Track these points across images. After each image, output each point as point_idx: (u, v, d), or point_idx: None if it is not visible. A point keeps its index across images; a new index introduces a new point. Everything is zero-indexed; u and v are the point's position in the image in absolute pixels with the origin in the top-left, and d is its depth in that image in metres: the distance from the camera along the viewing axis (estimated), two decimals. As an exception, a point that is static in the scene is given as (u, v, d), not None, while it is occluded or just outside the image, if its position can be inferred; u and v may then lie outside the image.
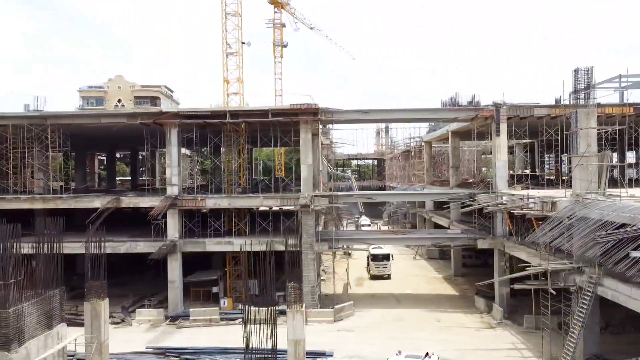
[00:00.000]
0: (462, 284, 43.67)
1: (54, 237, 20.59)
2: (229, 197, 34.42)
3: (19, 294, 17.79)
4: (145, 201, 34.67)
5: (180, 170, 35.00)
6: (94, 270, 23.33)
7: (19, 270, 18.18)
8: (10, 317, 16.98)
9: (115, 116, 34.86)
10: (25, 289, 18.44)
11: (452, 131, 46.11)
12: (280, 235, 34.91)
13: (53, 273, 20.18)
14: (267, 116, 33.59)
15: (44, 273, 19.62)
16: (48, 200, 34.54)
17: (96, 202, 34.74)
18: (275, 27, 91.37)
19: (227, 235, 35.05)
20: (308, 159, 34.25)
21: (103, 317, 23.20)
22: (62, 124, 34.96)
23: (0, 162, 35.40)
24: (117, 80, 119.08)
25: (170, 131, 34.40)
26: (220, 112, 34.08)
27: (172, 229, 34.26)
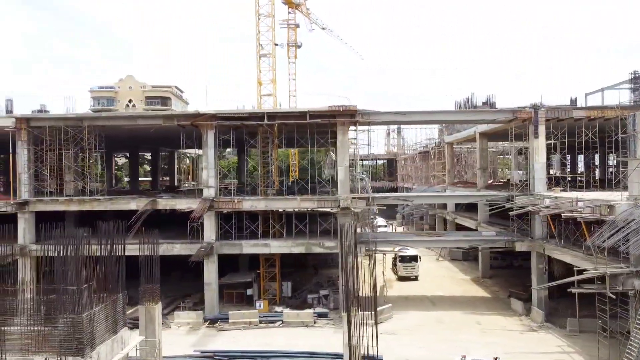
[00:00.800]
0: (491, 285, 43.55)
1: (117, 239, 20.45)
2: (266, 199, 34.31)
3: (90, 298, 17.70)
4: (181, 203, 34.55)
5: (217, 172, 34.86)
6: (148, 273, 23.26)
7: (90, 275, 18.09)
8: (84, 322, 16.87)
9: (151, 118, 34.74)
10: (95, 293, 18.34)
11: (480, 132, 46.03)
12: (316, 237, 34.89)
13: (117, 276, 20.08)
14: (305, 118, 33.49)
15: (110, 277, 19.51)
16: (84, 202, 34.44)
17: (132, 204, 34.62)
18: (290, 27, 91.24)
19: (263, 237, 34.94)
20: (345, 161, 34.15)
21: (157, 321, 23.13)
22: (98, 126, 34.89)
23: (36, 163, 35.21)
24: (127, 81, 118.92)
25: (207, 133, 34.28)
26: (258, 113, 33.98)
27: (208, 231, 34.14)
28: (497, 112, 35.02)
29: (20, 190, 34.60)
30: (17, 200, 33.96)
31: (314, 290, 37.72)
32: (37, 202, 34.43)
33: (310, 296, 36.92)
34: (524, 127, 35.12)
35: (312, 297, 36.81)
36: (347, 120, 33.78)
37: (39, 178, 35.19)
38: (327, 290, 37.66)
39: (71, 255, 18.44)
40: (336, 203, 33.58)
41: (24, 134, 34.54)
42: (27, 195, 34.60)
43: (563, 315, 32.10)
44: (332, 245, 34.15)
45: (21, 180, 34.57)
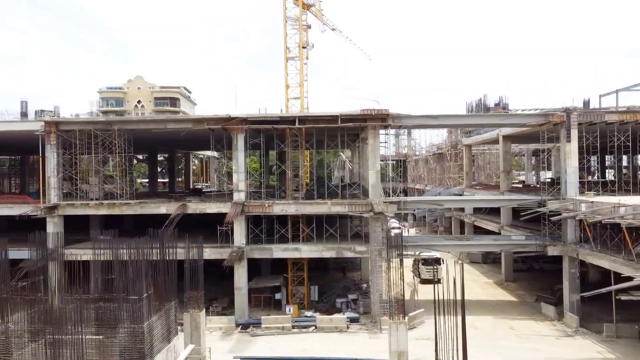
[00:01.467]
0: (516, 289, 43.37)
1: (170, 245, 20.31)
2: (297, 203, 34.11)
3: (149, 307, 17.55)
4: (211, 207, 34.39)
5: (247, 176, 34.70)
6: (193, 279, 23.12)
7: (149, 283, 17.95)
8: (144, 332, 16.73)
9: (181, 122, 34.59)
10: (153, 301, 18.20)
11: (504, 135, 45.86)
12: (347, 242, 34.72)
13: (169, 284, 19.93)
14: (337, 122, 33.35)
15: (164, 284, 19.37)
16: (114, 206, 34.27)
17: (162, 208, 34.47)
18: (301, 28, 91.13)
19: (293, 241, 34.79)
20: (376, 165, 33.97)
21: (202, 328, 23.00)
22: (127, 130, 34.73)
23: (65, 167, 35.07)
24: (136, 81, 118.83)
25: (237, 136, 34.13)
26: (289, 117, 33.85)
27: (238, 235, 33.98)
28: (529, 116, 34.82)
29: (49, 194, 34.42)
30: (47, 204, 33.77)
31: (342, 294, 37.54)
32: (66, 206, 34.26)
33: (339, 300, 36.76)
34: (553, 130, 34.94)
35: (340, 301, 36.65)
36: (378, 124, 33.62)
37: (67, 181, 35.05)
38: (355, 294, 37.49)
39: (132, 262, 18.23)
40: (367, 207, 33.38)
41: (53, 137, 34.38)
42: (56, 199, 34.43)
43: (596, 320, 31.99)
44: (364, 250, 34.00)
45: (50, 184, 34.38)
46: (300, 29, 41.92)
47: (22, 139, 44.37)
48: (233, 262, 32.30)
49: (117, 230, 41.77)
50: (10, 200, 35.87)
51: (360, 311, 35.33)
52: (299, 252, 34.21)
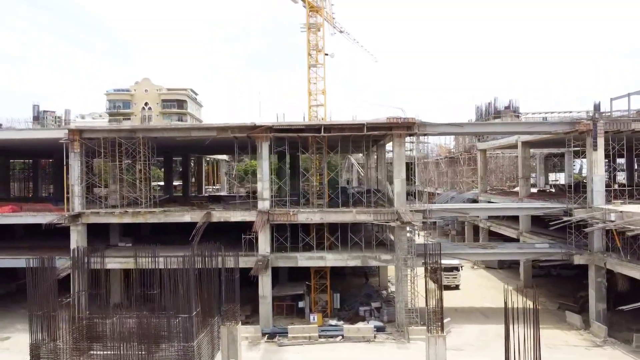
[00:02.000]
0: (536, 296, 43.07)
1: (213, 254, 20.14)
2: (322, 211, 33.99)
3: (198, 324, 17.42)
4: (236, 215, 34.26)
5: (272, 184, 34.57)
6: (229, 291, 22.99)
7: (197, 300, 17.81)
8: (194, 350, 16.60)
9: (206, 129, 34.41)
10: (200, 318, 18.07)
11: (523, 141, 45.72)
12: (371, 250, 34.58)
13: (213, 297, 19.79)
14: (362, 130, 33.26)
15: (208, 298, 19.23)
16: (139, 214, 34.13)
17: (186, 217, 34.35)
18: (311, 31, 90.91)
19: (317, 250, 34.66)
20: (402, 173, 33.81)
21: (239, 342, 22.86)
22: (151, 137, 34.61)
23: (89, 175, 34.94)
24: (143, 84, 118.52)
25: (262, 144, 34.00)
26: (315, 125, 33.71)
27: (263, 244, 33.84)
28: (556, 124, 34.67)
29: (73, 202, 34.28)
30: (72, 213, 33.62)
31: (365, 302, 37.36)
32: (91, 214, 34.12)
33: (362, 308, 36.56)
34: (578, 137, 34.80)
35: (364, 310, 36.46)
36: (403, 132, 33.51)
37: (90, 189, 34.92)
38: (378, 302, 37.34)
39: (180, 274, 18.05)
40: (393, 216, 33.25)
41: (76, 145, 34.25)
42: (79, 207, 34.29)
43: (624, 330, 31.88)
44: (389, 259, 33.87)
45: (74, 192, 34.25)
46: (322, 36, 41.61)
47: (39, 144, 44.32)
48: (259, 271, 32.15)
49: (135, 237, 42.21)
50: (33, 208, 35.67)
51: (385, 320, 35.16)
52: (324, 260, 34.07)
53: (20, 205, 36.45)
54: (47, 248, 38.35)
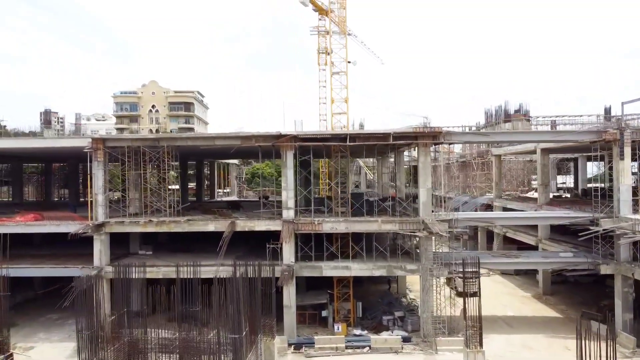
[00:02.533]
0: (556, 303, 43.02)
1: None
2: (347, 220, 33.84)
3: (247, 343, 17.27)
4: (260, 225, 34.10)
5: (296, 193, 34.42)
6: (265, 304, 22.82)
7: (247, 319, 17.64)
8: (244, 370, 16.46)
9: (230, 138, 34.22)
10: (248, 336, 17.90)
11: (542, 148, 45.54)
12: (397, 260, 34.45)
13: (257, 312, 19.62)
14: (387, 139, 33.11)
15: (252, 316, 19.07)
16: (163, 223, 33.96)
17: (210, 226, 34.18)
18: (320, 34, 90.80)
19: (342, 259, 34.52)
20: (427, 183, 33.64)
21: (275, 356, 22.70)
22: (175, 146, 34.47)
23: (111, 184, 34.75)
24: (150, 86, 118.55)
25: (286, 153, 33.85)
26: (341, 134, 33.56)
27: (287, 253, 33.69)
28: (583, 133, 34.46)
29: (96, 211, 34.11)
30: (96, 222, 33.47)
31: (388, 311, 37.21)
32: (115, 223, 33.97)
33: (385, 317, 36.41)
34: (604, 146, 34.62)
35: (387, 319, 36.31)
36: (429, 141, 33.36)
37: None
38: (401, 311, 37.17)
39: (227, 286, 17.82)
40: (419, 225, 33.10)
41: (100, 154, 34.08)
42: (103, 217, 34.13)
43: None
44: (414, 268, 33.70)
45: (97, 201, 34.07)
46: (344, 44, 41.36)
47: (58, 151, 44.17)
48: (286, 281, 32.01)
49: (152, 244, 41.99)
50: (56, 216, 35.53)
51: (409, 329, 34.99)
52: (349, 270, 33.91)
53: (41, 214, 36.23)
54: (67, 256, 38.24)
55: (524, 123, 63.85)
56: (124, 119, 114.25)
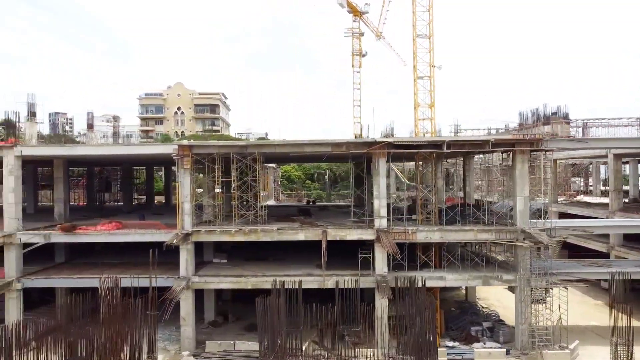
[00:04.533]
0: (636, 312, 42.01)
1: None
2: (441, 229, 32.95)
3: None
4: (352, 234, 33.24)
5: (389, 202, 33.51)
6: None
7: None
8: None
9: (320, 145, 33.27)
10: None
11: (615, 154, 44.68)
12: (493, 270, 33.57)
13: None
14: (485, 146, 32.27)
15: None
16: (252, 232, 33.03)
17: (300, 235, 33.31)
18: (354, 36, 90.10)
19: (435, 269, 33.64)
20: (525, 191, 32.84)
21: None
22: (264, 153, 33.61)
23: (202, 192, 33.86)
24: (176, 88, 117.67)
25: (379, 160, 32.95)
26: (438, 141, 32.66)
27: (380, 262, 32.79)
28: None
29: (182, 220, 33.18)
30: (185, 231, 32.55)
31: (476, 322, 36.29)
32: (205, 232, 33.06)
33: (473, 328, 35.47)
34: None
35: (475, 330, 35.35)
36: (527, 148, 32.50)
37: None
38: (489, 322, 36.26)
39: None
40: (517, 235, 32.23)
41: (187, 161, 33.15)
42: (189, 226, 33.21)
43: None
44: (511, 279, 32.78)
45: (184, 209, 33.14)
46: (429, 48, 40.34)
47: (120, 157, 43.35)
48: (382, 292, 31.15)
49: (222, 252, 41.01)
50: (139, 225, 34.65)
51: (500, 341, 34.01)
52: (444, 280, 32.99)
53: (121, 222, 35.33)
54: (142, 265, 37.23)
55: (564, 126, 63.00)
56: (149, 121, 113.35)
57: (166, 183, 64.83)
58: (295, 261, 37.71)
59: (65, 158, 39.59)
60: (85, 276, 34.40)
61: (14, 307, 33.45)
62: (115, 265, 37.66)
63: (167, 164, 61.49)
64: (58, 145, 39.88)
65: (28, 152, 34.32)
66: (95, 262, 39.17)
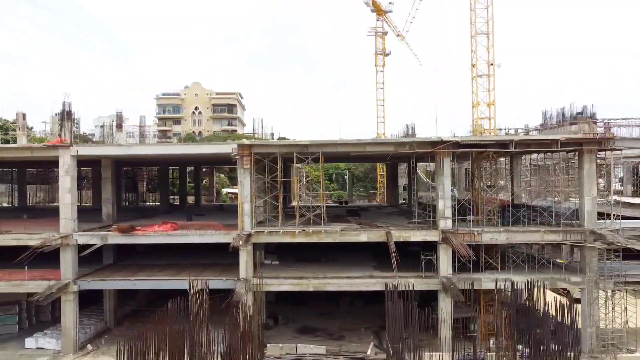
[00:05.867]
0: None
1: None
2: (507, 230, 32.35)
3: None
4: (416, 235, 32.64)
5: (453, 202, 32.91)
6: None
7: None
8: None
9: (382, 144, 32.83)
10: None
11: (666, 153, 43.97)
12: (560, 272, 32.97)
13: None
14: (553, 146, 31.76)
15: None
16: (316, 233, 32.39)
17: (363, 236, 32.73)
18: (378, 35, 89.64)
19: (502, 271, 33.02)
20: (592, 191, 32.25)
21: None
22: (325, 152, 32.97)
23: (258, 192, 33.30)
24: (194, 88, 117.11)
25: (443, 160, 32.33)
26: (505, 140, 32.07)
27: (444, 264, 32.19)
28: None
29: (243, 222, 32.59)
30: (246, 232, 31.96)
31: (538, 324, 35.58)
32: (267, 234, 32.45)
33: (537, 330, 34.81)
34: None
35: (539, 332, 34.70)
36: (595, 147, 31.93)
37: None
38: (551, 324, 35.53)
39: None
40: (585, 236, 31.63)
41: (246, 161, 32.58)
42: (249, 226, 32.61)
43: None
44: (579, 280, 32.17)
45: (244, 210, 32.55)
46: (487, 46, 39.72)
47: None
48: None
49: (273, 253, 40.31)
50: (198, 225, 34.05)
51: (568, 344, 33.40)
52: (508, 282, 32.32)
53: (176, 223, 34.72)
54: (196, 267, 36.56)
55: (592, 126, 62.22)
56: (167, 121, 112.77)
57: (196, 183, 64.23)
58: (347, 263, 37.09)
59: (114, 158, 39.01)
60: (139, 278, 33.81)
61: (70, 308, 32.84)
62: (164, 267, 37.02)
63: (205, 164, 60.97)
64: (114, 145, 39.30)
65: (84, 152, 33.77)
66: (143, 264, 38.47)
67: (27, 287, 33.09)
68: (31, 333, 35.87)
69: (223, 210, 54.12)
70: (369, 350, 32.08)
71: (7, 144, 43.15)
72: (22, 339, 35.12)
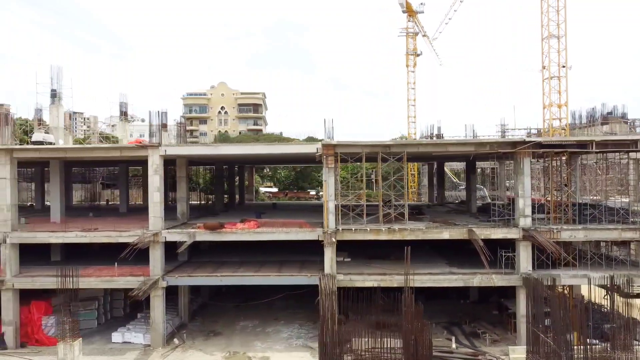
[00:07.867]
0: None
1: None
2: (586, 228, 33.26)
3: None
4: (497, 233, 33.51)
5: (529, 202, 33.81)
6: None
7: None
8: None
9: (462, 145, 33.58)
10: None
11: None
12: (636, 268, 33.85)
13: None
14: (633, 146, 32.60)
15: None
16: (397, 231, 33.31)
17: (444, 234, 33.59)
18: (409, 35, 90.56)
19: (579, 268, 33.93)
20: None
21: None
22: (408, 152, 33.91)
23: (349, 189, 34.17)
24: (220, 88, 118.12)
25: (523, 160, 33.23)
26: (586, 141, 32.97)
27: (524, 261, 33.11)
28: None
29: (327, 219, 33.51)
30: (331, 230, 32.89)
31: (604, 319, 36.51)
32: (354, 231, 33.38)
33: (606, 326, 35.73)
34: None
35: (607, 327, 35.63)
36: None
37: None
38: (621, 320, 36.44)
39: None
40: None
41: (330, 160, 33.48)
42: (333, 224, 33.54)
43: None
44: (655, 278, 33.05)
45: (329, 208, 33.46)
46: (558, 48, 40.55)
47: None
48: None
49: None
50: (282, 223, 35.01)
51: (638, 338, 34.31)
52: (586, 279, 33.23)
53: (257, 221, 35.70)
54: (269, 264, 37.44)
55: (622, 125, 63.19)
56: (193, 121, 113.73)
57: (241, 182, 65.15)
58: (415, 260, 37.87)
59: (189, 158, 39.97)
60: (225, 274, 34.67)
61: (159, 304, 33.79)
62: (239, 264, 37.81)
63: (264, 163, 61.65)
64: (201, 145, 40.38)
65: (172, 152, 34.72)
66: (216, 261, 39.24)
67: (117, 283, 34.05)
68: (108, 328, 36.88)
69: (276, 208, 55.09)
70: (453, 345, 33.04)
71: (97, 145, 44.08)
72: (105, 334, 36.12)
